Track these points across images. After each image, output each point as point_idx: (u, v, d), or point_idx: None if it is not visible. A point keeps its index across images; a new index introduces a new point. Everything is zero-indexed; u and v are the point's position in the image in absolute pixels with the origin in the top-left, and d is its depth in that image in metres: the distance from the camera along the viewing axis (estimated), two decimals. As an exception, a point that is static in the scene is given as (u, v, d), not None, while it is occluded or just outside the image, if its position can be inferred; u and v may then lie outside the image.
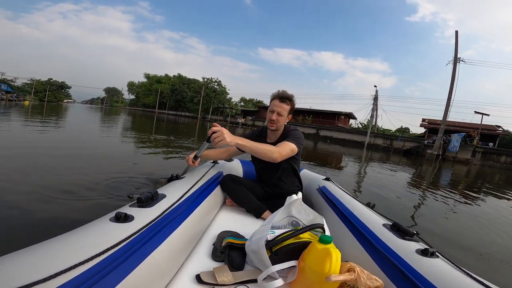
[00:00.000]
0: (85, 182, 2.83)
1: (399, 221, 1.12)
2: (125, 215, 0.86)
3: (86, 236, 0.74)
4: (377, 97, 26.75)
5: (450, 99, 16.55)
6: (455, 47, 16.49)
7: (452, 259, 0.86)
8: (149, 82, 67.52)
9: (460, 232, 2.99)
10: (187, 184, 1.36)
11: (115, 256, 0.69)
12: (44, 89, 67.39)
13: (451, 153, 17.60)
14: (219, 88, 51.20)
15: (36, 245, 0.66)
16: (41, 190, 2.47)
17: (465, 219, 3.71)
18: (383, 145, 22.38)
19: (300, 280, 0.90)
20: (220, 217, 1.60)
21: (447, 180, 8.61)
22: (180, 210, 1.10)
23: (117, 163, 4.21)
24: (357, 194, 3.98)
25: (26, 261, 0.58)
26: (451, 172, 11.51)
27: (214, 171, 1.78)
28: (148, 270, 0.76)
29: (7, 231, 1.72)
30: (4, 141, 5.05)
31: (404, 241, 0.98)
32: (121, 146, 6.48)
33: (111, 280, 0.63)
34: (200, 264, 1.05)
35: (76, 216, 2.03)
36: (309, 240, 0.97)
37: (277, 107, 1.58)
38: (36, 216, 1.98)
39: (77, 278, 0.58)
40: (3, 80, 51.28)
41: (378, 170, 8.29)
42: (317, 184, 1.89)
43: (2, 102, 31.79)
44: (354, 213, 1.30)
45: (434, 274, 0.78)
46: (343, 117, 35.66)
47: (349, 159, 11.00)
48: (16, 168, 3.11)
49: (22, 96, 50.33)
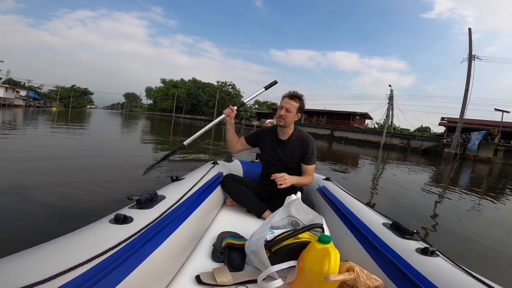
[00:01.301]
0: (87, 185, 2.97)
1: (399, 220, 1.12)
2: (124, 216, 0.86)
3: (85, 237, 0.74)
4: (392, 97, 26.34)
5: (467, 97, 16.11)
6: (469, 44, 16.08)
7: (452, 257, 0.86)
8: (165, 87, 69.17)
9: (478, 234, 2.86)
10: (187, 185, 1.36)
11: (114, 257, 0.69)
12: (68, 96, 71.10)
13: (471, 152, 17.07)
14: (233, 91, 52.08)
15: (36, 247, 0.66)
16: (54, 190, 2.61)
17: (482, 222, 3.53)
18: (400, 145, 21.95)
19: (300, 280, 0.91)
20: (220, 217, 1.61)
21: (465, 180, 8.31)
22: (180, 211, 1.10)
23: (132, 165, 4.32)
24: (357, 193, 3.89)
25: (26, 263, 0.59)
26: (470, 171, 11.02)
27: (214, 171, 1.78)
28: (147, 272, 0.77)
29: (6, 233, 1.74)
30: (15, 146, 5.26)
31: (404, 240, 0.98)
32: (139, 149, 6.80)
33: (110, 282, 0.64)
34: (199, 265, 1.06)
35: (75, 218, 2.06)
36: (308, 240, 0.97)
37: (286, 104, 1.66)
38: (38, 216, 2.02)
39: (76, 280, 0.58)
40: (30, 87, 53.65)
41: (391, 170, 8.20)
42: (317, 184, 1.90)
43: (30, 108, 33.31)
44: (353, 212, 1.30)
45: (434, 273, 0.78)
46: (359, 117, 35.16)
47: (364, 160, 10.87)
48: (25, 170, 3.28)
49: (49, 102, 52.68)
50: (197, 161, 5.35)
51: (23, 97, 42.27)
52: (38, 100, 46.78)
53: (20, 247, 0.66)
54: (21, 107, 34.13)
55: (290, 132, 1.75)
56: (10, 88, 36.82)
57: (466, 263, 0.86)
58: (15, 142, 5.72)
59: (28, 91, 47.83)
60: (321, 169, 6.18)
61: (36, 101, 44.58)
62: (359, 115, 34.52)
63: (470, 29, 16.42)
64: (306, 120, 34.71)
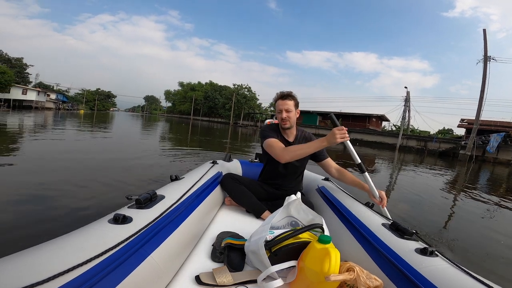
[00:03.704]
0: (88, 185, 3.00)
1: (398, 220, 1.13)
2: (123, 216, 0.86)
3: (84, 238, 0.74)
4: (409, 99, 26.01)
5: (482, 98, 16.04)
6: (484, 45, 16.02)
7: (451, 258, 0.87)
8: (183, 90, 70.88)
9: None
10: (186, 184, 1.37)
11: (113, 258, 0.70)
12: (93, 99, 73.87)
13: (490, 154, 16.75)
14: (249, 94, 52.98)
15: (35, 247, 0.66)
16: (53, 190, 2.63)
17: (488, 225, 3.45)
18: (417, 147, 21.78)
19: (300, 280, 0.91)
20: (219, 217, 1.61)
21: (481, 182, 8.25)
22: (179, 211, 1.10)
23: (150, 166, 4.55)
24: (356, 194, 3.93)
25: (24, 263, 0.59)
26: (488, 174, 10.96)
27: (213, 171, 1.79)
28: (146, 272, 0.77)
29: (5, 233, 1.75)
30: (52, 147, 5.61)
31: (403, 240, 0.99)
32: (156, 149, 6.99)
33: (109, 282, 0.64)
34: (199, 265, 1.06)
35: (74, 218, 2.07)
36: (308, 240, 0.97)
37: (283, 105, 1.64)
38: (38, 215, 2.02)
39: (75, 280, 0.58)
40: (59, 91, 55.68)
41: (405, 172, 8.21)
42: (316, 184, 1.91)
43: (59, 111, 34.56)
44: (353, 212, 1.30)
45: (433, 273, 0.78)
46: (375, 119, 34.79)
47: (378, 161, 10.99)
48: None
49: (76, 105, 54.85)
50: (206, 158, 5.51)
51: (53, 100, 43.71)
52: (66, 103, 48.83)
53: (18, 247, 0.66)
54: (52, 110, 35.45)
55: (295, 132, 1.77)
56: (42, 91, 38.07)
57: (466, 264, 0.87)
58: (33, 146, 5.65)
59: (57, 94, 49.55)
60: (321, 169, 6.24)
61: (64, 104, 46.86)
62: (375, 117, 34.18)
63: (484, 30, 16.31)
64: (321, 123, 34.76)
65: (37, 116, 17.70)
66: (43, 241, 0.70)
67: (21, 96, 33.03)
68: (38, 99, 35.92)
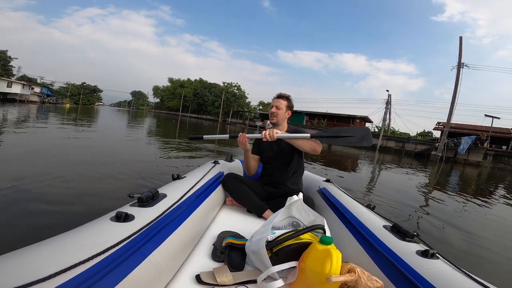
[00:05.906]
0: (88, 182, 2.99)
1: (399, 223, 1.13)
2: (125, 214, 0.86)
3: (86, 235, 0.74)
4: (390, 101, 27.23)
5: (454, 103, 17.02)
6: (459, 53, 16.77)
7: (452, 260, 0.87)
8: (172, 86, 69.97)
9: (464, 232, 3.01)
10: (188, 183, 1.37)
11: (115, 255, 0.70)
12: (78, 93, 72.60)
13: (461, 156, 18.03)
14: (238, 93, 53.25)
15: (36, 244, 0.66)
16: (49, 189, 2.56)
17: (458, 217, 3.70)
18: (395, 147, 22.84)
19: (300, 280, 0.91)
20: (221, 217, 1.61)
21: (452, 181, 8.72)
22: (181, 210, 1.10)
23: (140, 162, 4.52)
24: (356, 194, 4.04)
25: (26, 261, 0.58)
26: (458, 174, 11.66)
27: (215, 171, 1.79)
28: (148, 270, 0.77)
29: (6, 230, 1.75)
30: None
31: (405, 242, 0.99)
32: (144, 146, 6.91)
33: (110, 280, 0.64)
34: (200, 264, 1.06)
35: (77, 215, 2.07)
36: (309, 241, 0.97)
37: (275, 102, 1.80)
38: (36, 215, 2.01)
39: (76, 278, 0.58)
40: (43, 84, 54.53)
41: (384, 171, 8.59)
42: (318, 186, 1.92)
43: (43, 105, 33.92)
44: (354, 214, 1.31)
45: (435, 275, 0.78)
46: (358, 120, 35.92)
47: (359, 161, 11.43)
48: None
49: (61, 99, 53.83)
50: (199, 158, 5.63)
51: (38, 93, 42.82)
52: (50, 97, 47.90)
53: (19, 245, 0.66)
54: (36, 103, 34.74)
55: (284, 130, 1.83)
56: (27, 85, 37.49)
57: (466, 265, 0.87)
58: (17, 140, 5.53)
59: (42, 87, 48.70)
60: (321, 169, 6.38)
61: (49, 98, 45.81)
62: (359, 118, 35.32)
63: (461, 37, 17.31)
64: (308, 122, 35.75)
65: (30, 109, 17.55)
66: (44, 239, 0.70)
67: (5, 89, 32.18)
68: (23, 92, 35.06)
